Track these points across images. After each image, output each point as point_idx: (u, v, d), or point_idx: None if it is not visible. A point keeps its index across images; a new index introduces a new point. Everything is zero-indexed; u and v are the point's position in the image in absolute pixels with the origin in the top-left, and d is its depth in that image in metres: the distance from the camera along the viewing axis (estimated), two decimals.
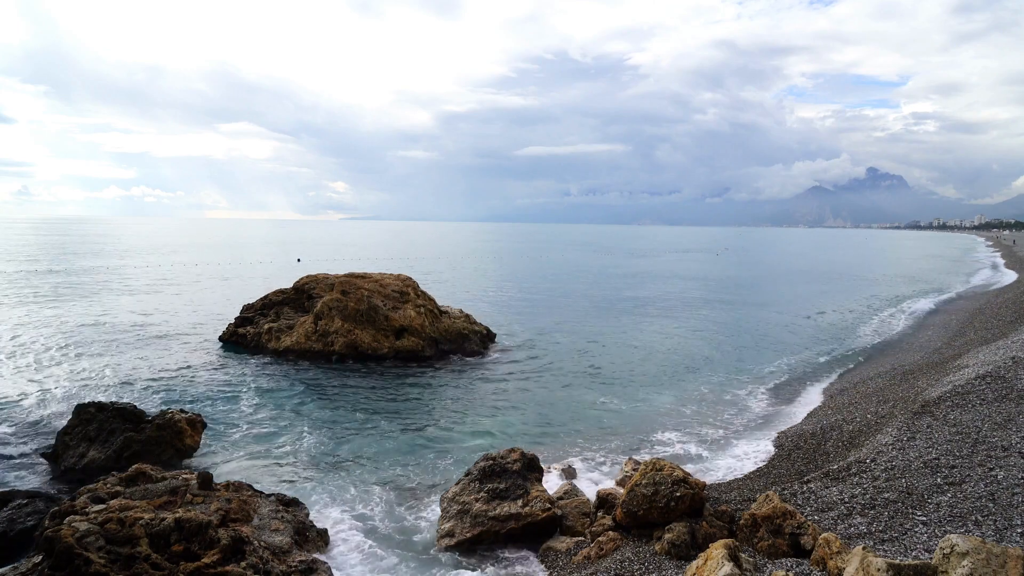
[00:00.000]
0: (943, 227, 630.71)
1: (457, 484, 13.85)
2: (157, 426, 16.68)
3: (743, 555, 8.80)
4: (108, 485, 11.92)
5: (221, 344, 30.81)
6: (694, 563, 8.71)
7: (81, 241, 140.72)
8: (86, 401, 18.00)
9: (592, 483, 15.45)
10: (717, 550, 8.46)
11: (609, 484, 15.17)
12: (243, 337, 30.39)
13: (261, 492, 13.11)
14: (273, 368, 26.72)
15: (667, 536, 10.77)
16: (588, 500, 13.62)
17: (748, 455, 17.22)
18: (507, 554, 12.26)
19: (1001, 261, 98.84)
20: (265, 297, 33.03)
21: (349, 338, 28.20)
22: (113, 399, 19.28)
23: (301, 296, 31.78)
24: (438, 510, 13.70)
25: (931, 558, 7.55)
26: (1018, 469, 11.47)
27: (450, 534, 12.68)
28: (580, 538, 12.45)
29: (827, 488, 12.28)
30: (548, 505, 12.89)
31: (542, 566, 11.82)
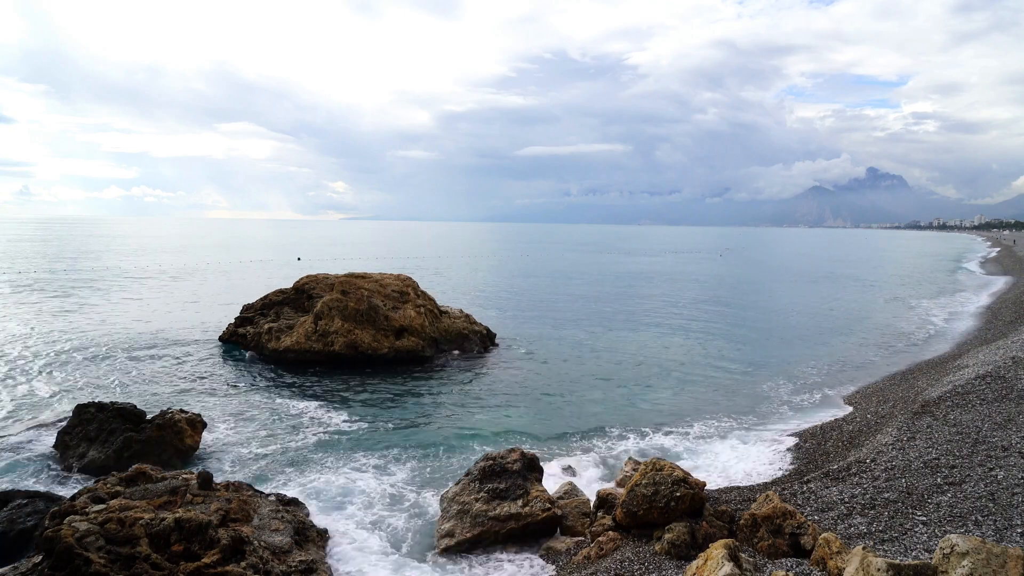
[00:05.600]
0: (943, 227, 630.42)
1: (457, 484, 13.85)
2: (157, 426, 16.68)
3: (743, 555, 8.80)
4: (108, 485, 11.92)
5: (221, 344, 30.81)
6: (694, 563, 8.70)
7: (82, 241, 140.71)
8: (86, 401, 18.01)
9: (592, 483, 15.45)
10: (717, 550, 8.46)
11: (609, 484, 15.17)
12: (243, 337, 30.38)
13: (261, 492, 13.11)
14: (273, 368, 26.73)
15: (667, 536, 10.77)
16: (588, 500, 13.62)
17: (748, 455, 17.22)
18: (507, 554, 12.26)
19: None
20: (265, 297, 33.02)
21: (349, 338, 28.19)
22: (113, 399, 19.28)
23: (301, 296, 31.77)
24: (438, 510, 13.70)
25: (931, 558, 7.55)
26: (1018, 469, 11.47)
27: (450, 534, 12.69)
28: (580, 538, 12.46)
29: (827, 488, 12.29)
30: (548, 505, 12.89)
31: (542, 566, 11.82)
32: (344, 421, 20.03)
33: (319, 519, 13.24)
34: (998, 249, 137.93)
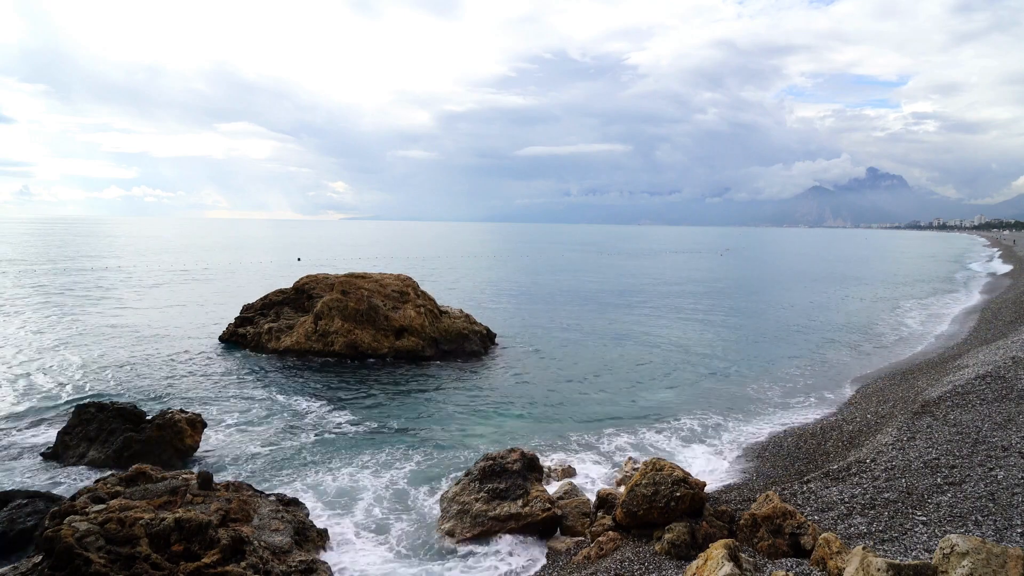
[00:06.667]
0: (943, 227, 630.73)
1: (457, 484, 13.85)
2: (157, 426, 16.68)
3: (743, 555, 8.80)
4: (108, 485, 11.92)
5: (221, 344, 30.81)
6: (694, 563, 8.71)
7: (83, 241, 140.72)
8: (86, 401, 18.01)
9: (592, 483, 15.45)
10: (717, 550, 8.46)
11: (609, 484, 15.17)
12: (243, 337, 30.38)
13: (261, 492, 13.11)
14: (273, 368, 26.71)
15: (667, 536, 10.77)
16: (588, 500, 13.62)
17: (749, 454, 17.22)
18: (507, 554, 12.26)
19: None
20: (265, 297, 33.03)
21: (349, 338, 28.19)
22: (113, 399, 19.29)
23: (301, 296, 31.78)
24: (438, 510, 13.70)
25: (931, 558, 7.55)
26: (1018, 469, 11.47)
27: (450, 534, 12.69)
28: (580, 538, 12.46)
29: (827, 488, 12.29)
30: (548, 505, 12.89)
31: (542, 566, 11.81)
32: (344, 421, 20.03)
33: (319, 519, 13.25)
34: (998, 250, 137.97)
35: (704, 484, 11.85)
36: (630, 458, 16.12)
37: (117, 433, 16.44)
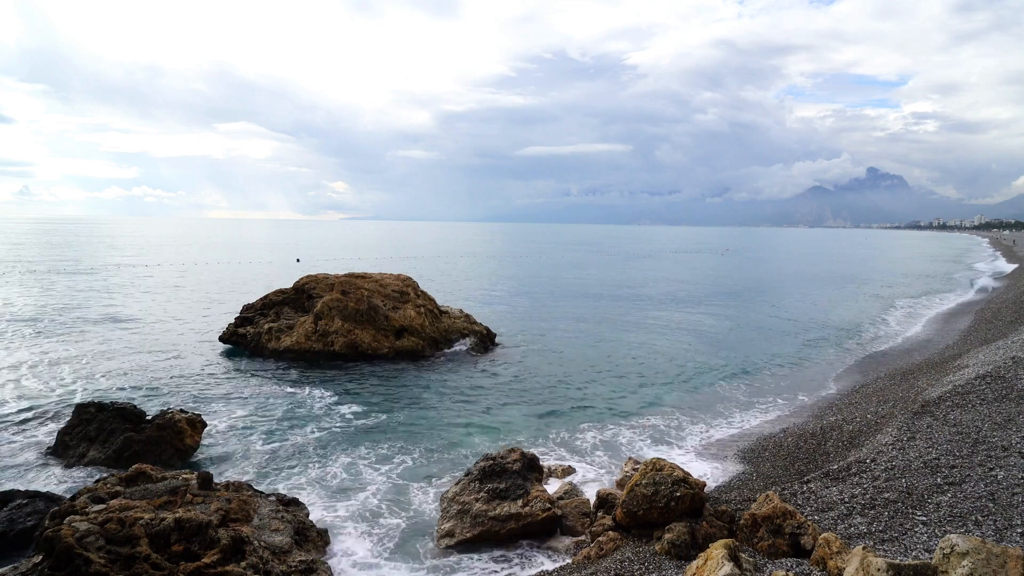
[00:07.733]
0: (943, 227, 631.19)
1: (457, 484, 13.85)
2: (157, 426, 16.68)
3: (743, 555, 8.80)
4: (108, 485, 11.92)
5: (221, 344, 30.79)
6: (694, 563, 8.71)
7: (83, 241, 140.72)
8: (86, 401, 18.01)
9: (592, 483, 15.45)
10: (717, 550, 8.47)
11: (609, 484, 15.17)
12: (243, 337, 30.37)
13: (261, 492, 13.11)
14: (273, 368, 26.72)
15: (667, 536, 10.77)
16: (588, 500, 13.62)
17: (749, 455, 17.21)
18: (507, 554, 12.26)
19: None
20: (265, 297, 33.02)
21: (349, 338, 28.19)
22: (113, 399, 19.29)
23: (301, 296, 31.77)
24: (438, 510, 13.71)
25: (931, 558, 7.55)
26: (1018, 469, 11.47)
27: (450, 534, 12.69)
28: (580, 538, 12.47)
29: (827, 488, 12.29)
30: (548, 505, 12.89)
31: (542, 566, 11.82)
32: (343, 422, 20.03)
33: (319, 519, 13.25)
34: (998, 250, 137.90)
35: (704, 484, 11.86)
36: (630, 458, 16.11)
37: (117, 433, 16.44)
